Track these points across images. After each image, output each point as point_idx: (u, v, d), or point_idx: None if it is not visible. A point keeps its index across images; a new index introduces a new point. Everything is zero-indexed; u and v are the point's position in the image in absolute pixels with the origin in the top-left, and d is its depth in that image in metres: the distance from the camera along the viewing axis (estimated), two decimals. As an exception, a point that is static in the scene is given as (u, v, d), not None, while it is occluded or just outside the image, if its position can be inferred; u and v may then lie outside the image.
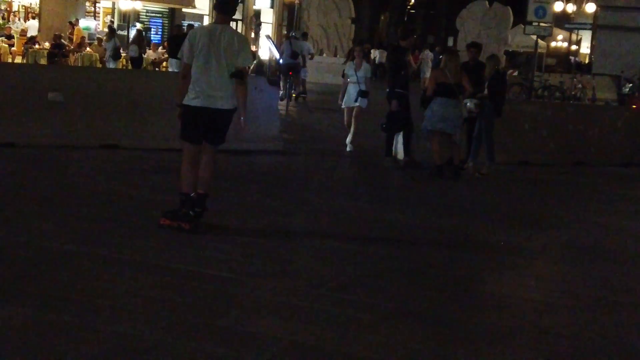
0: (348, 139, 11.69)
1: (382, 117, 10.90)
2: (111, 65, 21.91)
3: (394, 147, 11.15)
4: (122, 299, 4.61)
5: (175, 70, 20.03)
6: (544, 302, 5.32)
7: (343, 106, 11.87)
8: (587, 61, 44.01)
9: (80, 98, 10.09)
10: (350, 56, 12.21)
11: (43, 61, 23.40)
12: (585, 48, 48.69)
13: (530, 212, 8.75)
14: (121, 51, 22.72)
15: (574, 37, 46.63)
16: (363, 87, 11.59)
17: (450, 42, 52.54)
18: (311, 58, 22.98)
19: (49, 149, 9.56)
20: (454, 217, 8.02)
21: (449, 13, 59.26)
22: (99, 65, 24.04)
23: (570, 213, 8.87)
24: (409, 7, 62.25)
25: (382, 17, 61.19)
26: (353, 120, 11.66)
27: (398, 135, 11.12)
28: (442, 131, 10.30)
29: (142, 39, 22.76)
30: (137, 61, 21.88)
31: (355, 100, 11.58)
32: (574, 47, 47.77)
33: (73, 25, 26.59)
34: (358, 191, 9.29)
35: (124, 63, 22.90)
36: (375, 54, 36.14)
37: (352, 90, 11.64)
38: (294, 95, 19.57)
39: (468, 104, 10.49)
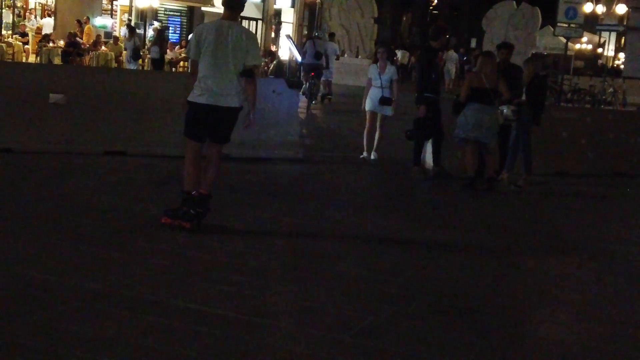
0: (373, 147, 10.83)
1: (409, 123, 10.08)
2: (131, 66, 21.26)
3: (422, 156, 10.34)
4: (107, 348, 3.82)
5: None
6: (614, 351, 4.48)
7: (367, 109, 10.93)
8: (611, 64, 42.90)
9: (85, 101, 9.35)
10: (374, 58, 11.23)
11: (57, 60, 22.82)
12: (609, 51, 47.50)
13: (575, 233, 7.89)
14: (141, 52, 22.14)
15: (596, 38, 45.57)
16: (387, 93, 10.68)
17: (473, 44, 51.61)
18: (337, 59, 22.31)
19: (49, 155, 8.82)
20: (493, 237, 7.18)
21: (472, 14, 58.37)
22: (114, 64, 23.45)
23: (616, 233, 7.98)
24: (431, 7, 61.34)
25: (404, 18, 60.35)
26: (378, 129, 10.82)
27: (427, 143, 10.29)
28: (476, 140, 9.46)
29: (164, 40, 22.05)
30: (158, 63, 21.21)
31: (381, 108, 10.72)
32: (599, 50, 46.67)
33: (82, 23, 25.90)
34: (384, 205, 8.45)
35: (140, 63, 22.26)
36: (397, 54, 35.30)
37: (375, 95, 10.74)
38: (319, 97, 18.90)
39: (504, 110, 9.63)
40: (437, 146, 10.25)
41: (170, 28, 31.19)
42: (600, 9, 35.25)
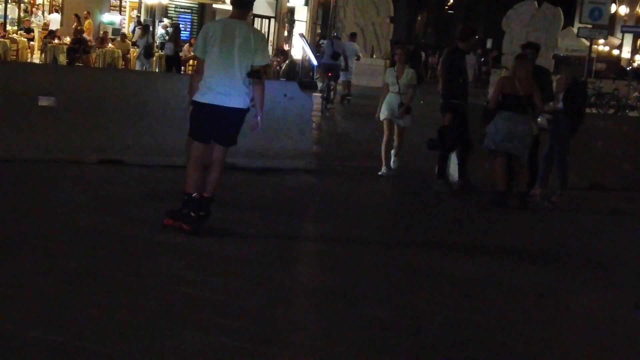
0: (392, 157, 9.83)
1: (428, 128, 9.20)
2: (138, 65, 20.51)
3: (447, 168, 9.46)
4: None
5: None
6: None
7: (382, 118, 9.86)
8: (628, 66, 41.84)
9: (78, 104, 8.50)
10: (391, 60, 10.23)
11: (62, 57, 22.06)
12: (625, 53, 46.37)
13: (625, 259, 6.99)
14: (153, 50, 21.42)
15: (615, 41, 44.45)
16: (405, 99, 9.60)
17: (488, 44, 50.67)
18: (358, 59, 21.59)
19: (36, 164, 7.98)
20: (533, 267, 6.29)
21: (488, 14, 57.46)
22: (121, 62, 22.66)
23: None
24: (446, 7, 60.52)
25: (419, 17, 59.54)
26: (396, 138, 9.75)
27: (451, 154, 9.41)
28: (507, 152, 8.57)
29: (179, 36, 21.24)
30: (172, 60, 20.42)
31: (401, 117, 9.62)
32: (614, 52, 45.58)
33: (80, 18, 25.08)
34: (407, 225, 7.54)
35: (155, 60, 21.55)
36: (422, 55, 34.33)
37: (393, 102, 9.59)
38: (339, 98, 18.17)
39: (539, 119, 8.74)
40: (463, 157, 9.36)
41: (181, 25, 30.37)
42: (624, 10, 34.19)
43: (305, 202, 8.03)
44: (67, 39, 23.44)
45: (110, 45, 23.22)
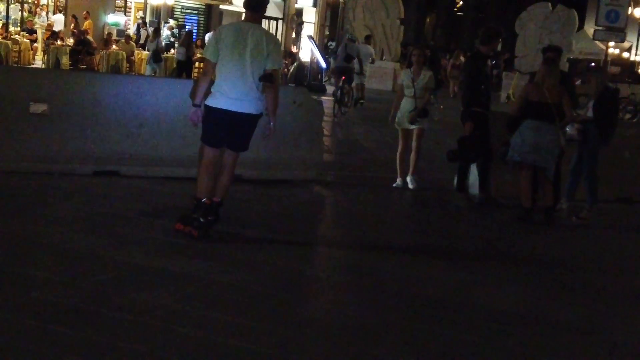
0: (408, 177, 9.04)
1: (450, 139, 8.58)
2: (148, 69, 19.99)
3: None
4: None
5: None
6: None
7: (396, 126, 9.22)
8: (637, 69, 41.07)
9: (71, 111, 7.90)
10: (408, 61, 9.52)
11: (65, 59, 21.53)
12: (636, 56, 45.51)
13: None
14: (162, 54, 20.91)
15: (626, 44, 43.60)
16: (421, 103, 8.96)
17: (498, 47, 49.92)
18: (372, 62, 21.11)
19: (26, 176, 7.40)
20: (575, 298, 5.66)
21: (497, 16, 56.76)
22: (125, 65, 22.13)
23: None
24: (456, 9, 59.88)
25: (428, 19, 58.91)
26: (414, 145, 9.02)
27: (472, 165, 8.79)
28: (534, 164, 7.96)
29: (192, 41, 20.67)
30: (184, 65, 19.87)
31: (412, 122, 8.95)
32: (624, 54, 44.75)
33: (77, 18, 24.51)
34: (427, 246, 6.91)
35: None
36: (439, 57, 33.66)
37: (408, 107, 8.98)
38: (352, 102, 17.67)
39: (568, 129, 8.15)
40: (484, 169, 8.74)
41: (187, 27, 29.82)
42: (639, 12, 33.50)
43: (317, 219, 7.42)
44: (71, 41, 22.92)
45: (114, 46, 22.67)
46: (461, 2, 59.46)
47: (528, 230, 7.79)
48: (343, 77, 17.26)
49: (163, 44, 22.48)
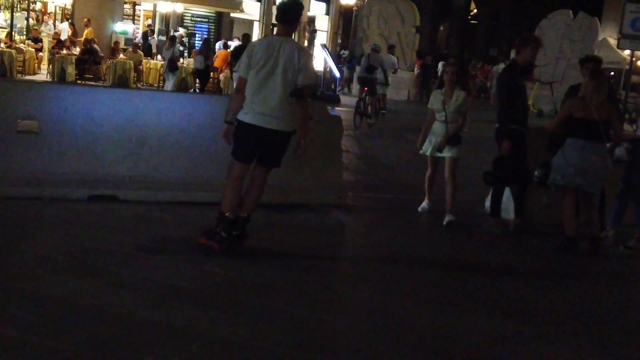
0: (446, 216, 7.84)
1: (480, 157, 7.73)
2: (169, 78, 19.28)
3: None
4: None
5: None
6: None
7: (424, 152, 8.18)
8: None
9: (64, 128, 7.12)
10: (439, 80, 8.38)
11: (71, 69, 20.82)
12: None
13: None
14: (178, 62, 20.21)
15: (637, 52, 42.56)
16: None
17: (512, 54, 49.11)
18: (394, 72, 20.51)
19: (13, 202, 6.61)
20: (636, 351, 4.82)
21: (513, 25, 55.91)
22: (133, 75, 21.40)
23: None
24: (470, 17, 59.15)
25: (441, 28, 58.17)
26: (447, 177, 7.92)
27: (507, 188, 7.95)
28: (580, 188, 7.13)
29: (210, 49, 19.93)
30: (202, 74, 19.14)
31: (441, 150, 7.91)
32: (639, 63, 43.75)
33: (74, 26, 23.82)
34: (462, 284, 6.04)
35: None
36: (438, 67, 32.87)
37: (438, 132, 7.94)
38: (376, 114, 17.01)
39: (616, 150, 7.31)
40: (521, 192, 7.91)
41: (197, 35, 29.15)
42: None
43: (337, 252, 6.58)
44: (77, 49, 22.22)
45: (121, 56, 21.94)
46: (475, 11, 58.73)
47: (574, 264, 6.95)
48: (365, 88, 16.71)
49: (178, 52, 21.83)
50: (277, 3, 6.52)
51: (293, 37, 6.22)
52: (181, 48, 23.79)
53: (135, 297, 4.73)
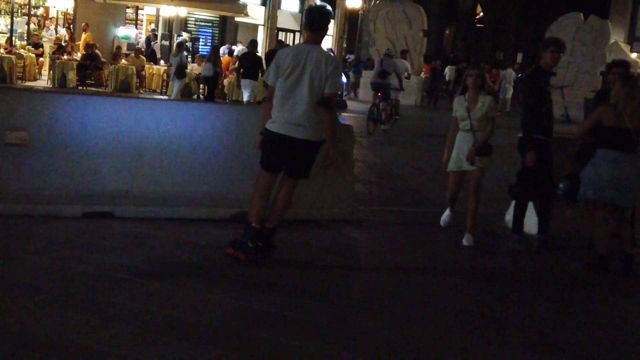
0: (465, 235, 7.16)
1: (501, 172, 7.20)
2: (175, 85, 18.80)
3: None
4: None
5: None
6: None
7: (450, 169, 7.49)
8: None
9: (56, 140, 6.64)
10: (463, 85, 7.38)
11: (72, 74, 20.41)
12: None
13: None
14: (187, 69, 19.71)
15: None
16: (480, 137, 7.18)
17: (519, 59, 48.71)
18: (408, 77, 20.09)
19: (1, 220, 6.13)
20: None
21: (519, 28, 55.42)
22: (135, 80, 20.96)
23: None
24: (476, 20, 58.73)
25: (447, 31, 57.74)
26: (472, 190, 7.20)
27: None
28: (612, 203, 6.60)
29: (218, 56, 19.42)
30: (212, 81, 18.65)
31: (471, 161, 7.19)
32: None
33: (70, 29, 23.35)
34: (494, 316, 5.54)
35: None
36: (445, 71, 32.35)
37: (463, 144, 7.23)
38: (391, 120, 16.67)
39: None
40: (545, 206, 7.38)
41: (201, 40, 28.70)
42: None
43: (349, 273, 6.05)
44: (78, 55, 21.78)
45: (123, 61, 21.49)
46: (482, 14, 58.31)
47: (604, 281, 6.43)
48: (379, 94, 16.38)
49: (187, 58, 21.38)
50: (305, 10, 6.48)
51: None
52: (184, 53, 23.31)
53: (127, 332, 4.21)
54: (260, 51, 23.71)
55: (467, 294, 5.78)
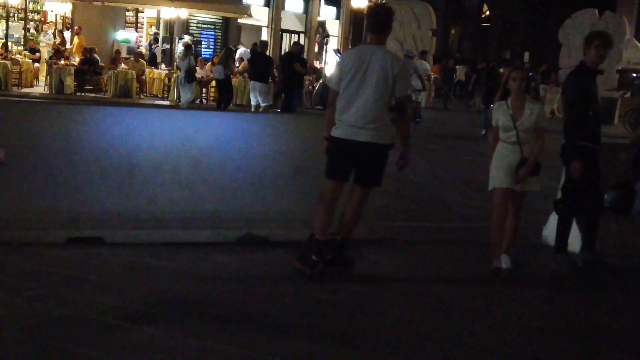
0: (502, 256, 6.15)
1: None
2: (186, 89, 18.00)
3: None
4: None
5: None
6: None
7: (497, 186, 6.13)
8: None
9: (38, 156, 5.82)
10: (502, 90, 6.18)
11: (70, 80, 19.63)
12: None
13: None
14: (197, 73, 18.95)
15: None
16: (529, 151, 6.02)
17: (526, 58, 47.97)
18: (428, 79, 19.32)
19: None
20: None
21: (526, 26, 54.63)
22: (135, 85, 20.16)
23: None
24: (482, 19, 58.03)
25: (453, 30, 57.03)
26: (511, 215, 6.14)
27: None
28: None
29: (230, 58, 18.57)
30: (223, 85, 17.84)
31: (520, 181, 6.03)
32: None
33: (62, 32, 22.54)
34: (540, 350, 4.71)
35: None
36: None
37: (511, 159, 6.04)
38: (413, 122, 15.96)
39: None
40: (592, 221, 6.55)
41: (203, 42, 27.89)
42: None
43: (374, 306, 5.21)
44: (76, 60, 21.00)
45: (123, 65, 20.70)
46: (488, 13, 57.60)
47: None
48: None
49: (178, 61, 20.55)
50: (366, 11, 6.21)
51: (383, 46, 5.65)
52: (192, 56, 22.53)
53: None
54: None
55: (513, 326, 4.92)
